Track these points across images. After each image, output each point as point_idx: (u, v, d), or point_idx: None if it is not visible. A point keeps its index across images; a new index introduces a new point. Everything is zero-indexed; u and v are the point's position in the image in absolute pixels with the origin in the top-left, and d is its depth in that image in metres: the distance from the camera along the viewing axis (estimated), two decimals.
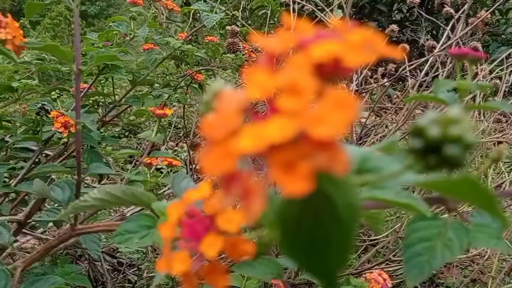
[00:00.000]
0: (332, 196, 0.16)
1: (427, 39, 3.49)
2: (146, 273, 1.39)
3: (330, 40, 0.14)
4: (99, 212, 0.96)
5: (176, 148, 2.46)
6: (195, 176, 1.54)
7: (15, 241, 0.68)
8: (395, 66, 1.80)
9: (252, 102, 0.14)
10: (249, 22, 3.70)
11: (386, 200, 0.30)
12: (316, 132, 0.12)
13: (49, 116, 0.95)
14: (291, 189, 0.13)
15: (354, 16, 3.79)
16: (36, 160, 1.01)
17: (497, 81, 1.82)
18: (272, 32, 3.67)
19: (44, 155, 1.08)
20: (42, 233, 1.12)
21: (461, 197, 0.24)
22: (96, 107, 1.00)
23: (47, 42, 0.65)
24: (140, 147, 2.43)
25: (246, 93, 0.14)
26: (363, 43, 0.14)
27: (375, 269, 1.09)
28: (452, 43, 1.34)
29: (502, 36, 4.04)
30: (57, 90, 1.04)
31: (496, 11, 4.03)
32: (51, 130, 0.96)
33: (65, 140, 1.00)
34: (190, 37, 1.29)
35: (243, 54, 1.45)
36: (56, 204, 0.77)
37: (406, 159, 0.17)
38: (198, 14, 1.27)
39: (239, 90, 0.15)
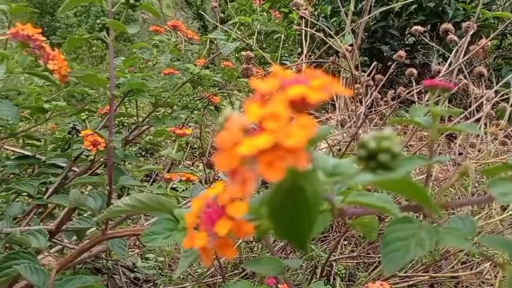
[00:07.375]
0: (304, 188, 0.23)
1: (439, 63, 3.54)
2: (162, 287, 1.45)
3: (300, 84, 0.22)
4: (118, 227, 1.04)
5: (192, 167, 2.54)
6: None
7: (50, 246, 0.76)
8: (404, 89, 1.87)
9: (249, 124, 0.22)
10: (264, 45, 3.81)
11: (366, 203, 0.37)
12: (287, 143, 0.20)
13: (79, 135, 1.03)
14: (271, 178, 0.20)
15: (366, 40, 3.88)
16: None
17: (505, 104, 1.87)
18: (286, 55, 3.76)
19: (71, 171, 1.16)
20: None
21: (402, 193, 0.31)
22: (121, 127, 1.09)
23: (87, 71, 0.74)
24: (158, 165, 2.52)
25: (245, 118, 0.21)
26: (321, 86, 0.22)
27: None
28: (455, 68, 1.41)
29: None
30: (86, 112, 1.13)
31: (509, 35, 4.09)
32: (80, 148, 1.04)
33: (92, 157, 1.09)
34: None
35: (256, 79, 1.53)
36: (86, 214, 0.85)
37: (358, 165, 0.25)
38: (216, 39, 1.36)
39: (241, 115, 0.23)
